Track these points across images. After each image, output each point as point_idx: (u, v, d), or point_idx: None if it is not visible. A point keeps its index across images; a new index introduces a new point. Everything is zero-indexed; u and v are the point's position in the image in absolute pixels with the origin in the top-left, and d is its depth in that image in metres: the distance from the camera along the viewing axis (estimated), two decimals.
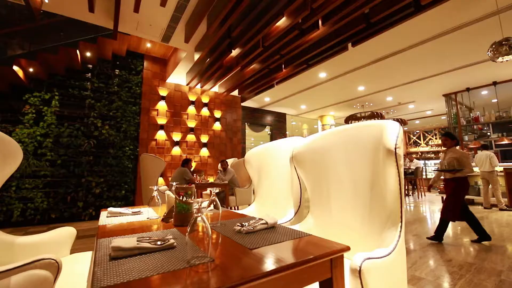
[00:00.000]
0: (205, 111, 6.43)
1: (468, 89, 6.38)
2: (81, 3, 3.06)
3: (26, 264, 1.01)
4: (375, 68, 5.16)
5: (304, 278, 0.75)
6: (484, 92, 6.58)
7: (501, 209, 5.15)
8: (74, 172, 4.73)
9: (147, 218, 1.37)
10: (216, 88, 6.33)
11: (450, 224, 4.21)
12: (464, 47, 4.43)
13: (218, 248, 0.84)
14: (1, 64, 3.71)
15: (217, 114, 6.64)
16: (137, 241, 0.81)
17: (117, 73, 5.31)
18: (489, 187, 5.31)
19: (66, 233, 1.54)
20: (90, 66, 5.04)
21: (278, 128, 8.91)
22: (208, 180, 5.27)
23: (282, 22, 3.29)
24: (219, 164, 5.64)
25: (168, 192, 1.31)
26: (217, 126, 6.60)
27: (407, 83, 6.01)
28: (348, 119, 7.77)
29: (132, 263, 0.70)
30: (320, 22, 3.31)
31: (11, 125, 4.25)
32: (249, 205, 5.05)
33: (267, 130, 8.88)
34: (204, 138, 6.34)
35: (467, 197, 6.03)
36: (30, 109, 4.41)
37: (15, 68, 3.85)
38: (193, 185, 1.24)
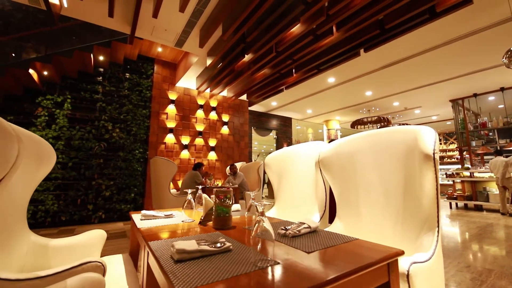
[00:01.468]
0: (213, 115, 6.46)
1: (475, 95, 6.41)
2: (100, 8, 3.11)
3: (75, 267, 1.02)
4: (384, 73, 5.19)
5: (366, 282, 0.76)
6: (491, 98, 6.61)
7: (511, 215, 5.13)
8: (85, 174, 4.73)
9: (182, 221, 1.38)
10: (225, 92, 6.36)
11: (458, 230, 4.19)
12: (474, 53, 4.46)
13: (274, 251, 0.85)
14: (17, 67, 3.75)
15: (225, 118, 6.66)
16: (197, 243, 0.82)
17: (127, 76, 5.35)
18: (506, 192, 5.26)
19: (97, 235, 1.54)
20: (101, 69, 5.09)
21: (284, 132, 8.92)
22: (217, 184, 5.27)
23: (297, 28, 3.33)
24: (228, 168, 5.65)
25: (205, 195, 1.32)
26: (225, 130, 6.62)
27: (414, 88, 6.04)
28: (355, 124, 7.79)
29: (202, 265, 0.71)
30: (334, 28, 3.35)
31: (24, 128, 4.27)
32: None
33: (272, 134, 8.89)
34: (212, 142, 6.36)
35: (476, 203, 6.02)
36: (42, 112, 4.44)
37: (31, 71, 3.89)
38: (231, 189, 1.26)
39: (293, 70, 4.69)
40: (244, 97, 6.72)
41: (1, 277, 0.91)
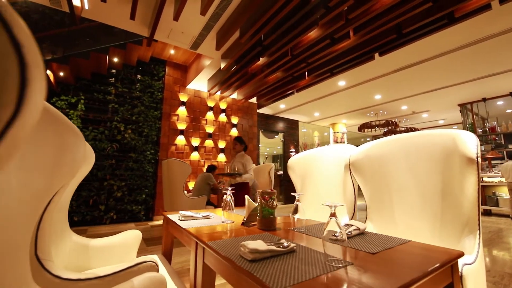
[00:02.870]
0: (222, 117, 6.49)
1: (484, 99, 6.43)
2: (121, 10, 3.14)
3: (131, 267, 1.04)
4: (395, 77, 5.22)
5: (436, 282, 0.77)
6: (500, 102, 6.63)
7: None
8: (97, 175, 4.75)
9: (222, 222, 1.39)
10: (235, 95, 6.39)
11: None
12: (486, 58, 4.49)
13: (341, 251, 0.86)
14: None
15: (234, 120, 6.69)
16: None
17: (139, 78, 5.39)
18: None
19: (133, 236, 1.56)
20: (114, 71, 5.12)
21: (290, 134, 8.93)
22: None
23: (314, 31, 3.36)
24: None
25: (247, 196, 1.34)
26: (234, 132, 6.64)
27: (424, 92, 6.06)
28: (362, 127, 7.81)
29: (277, 265, 0.72)
30: (351, 32, 3.37)
31: None
32: None
33: (278, 137, 8.90)
34: (222, 144, 6.38)
35: (485, 207, 6.00)
36: None
37: (48, 72, 3.92)
38: (275, 191, 1.27)
39: (306, 73, 4.72)
40: (253, 99, 6.75)
41: (63, 277, 0.93)
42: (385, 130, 7.92)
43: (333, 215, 0.79)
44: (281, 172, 8.50)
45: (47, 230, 0.99)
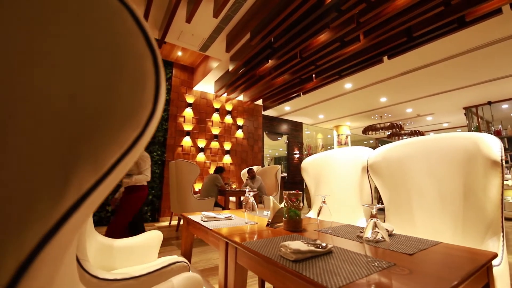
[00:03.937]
0: (228, 119, 6.51)
1: (489, 103, 6.45)
2: None
3: (165, 267, 1.05)
4: (402, 80, 5.24)
5: (476, 283, 0.78)
6: (505, 106, 6.64)
7: None
8: None
9: (245, 223, 1.40)
10: (241, 97, 6.42)
11: None
12: (493, 62, 4.51)
13: (377, 252, 0.87)
14: None
15: (240, 122, 6.71)
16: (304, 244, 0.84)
17: None
18: None
19: (155, 236, 1.57)
20: None
21: (295, 137, 8.95)
22: (234, 188, 5.28)
23: (325, 34, 3.38)
24: (244, 171, 5.66)
25: (271, 197, 1.35)
26: (239, 133, 6.66)
27: (430, 95, 6.08)
28: (367, 130, 7.82)
29: (321, 265, 0.73)
30: (362, 35, 3.40)
31: None
32: None
33: (281, 138, 8.90)
34: (227, 145, 6.39)
35: None
36: None
37: None
38: (301, 192, 1.28)
39: (313, 76, 4.74)
40: (259, 101, 6.77)
41: (100, 277, 0.94)
42: (389, 133, 7.93)
43: (373, 216, 0.80)
44: (285, 174, 8.50)
45: (83, 230, 1.00)
